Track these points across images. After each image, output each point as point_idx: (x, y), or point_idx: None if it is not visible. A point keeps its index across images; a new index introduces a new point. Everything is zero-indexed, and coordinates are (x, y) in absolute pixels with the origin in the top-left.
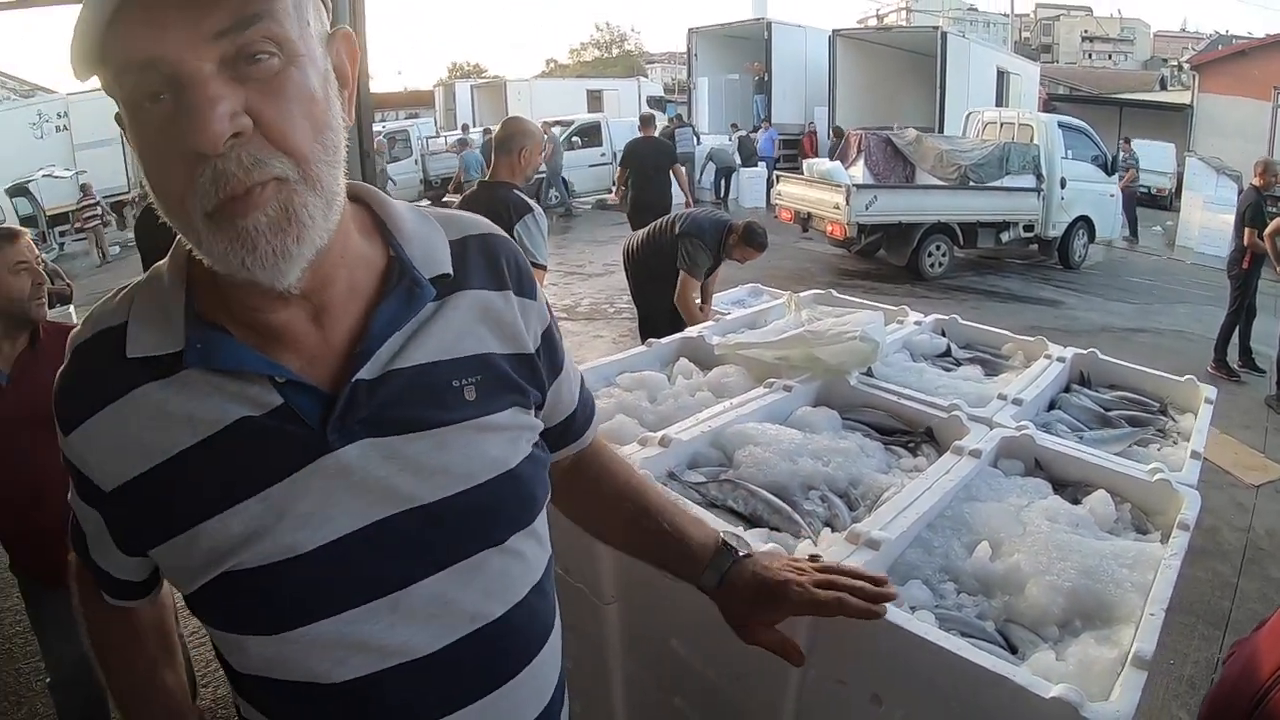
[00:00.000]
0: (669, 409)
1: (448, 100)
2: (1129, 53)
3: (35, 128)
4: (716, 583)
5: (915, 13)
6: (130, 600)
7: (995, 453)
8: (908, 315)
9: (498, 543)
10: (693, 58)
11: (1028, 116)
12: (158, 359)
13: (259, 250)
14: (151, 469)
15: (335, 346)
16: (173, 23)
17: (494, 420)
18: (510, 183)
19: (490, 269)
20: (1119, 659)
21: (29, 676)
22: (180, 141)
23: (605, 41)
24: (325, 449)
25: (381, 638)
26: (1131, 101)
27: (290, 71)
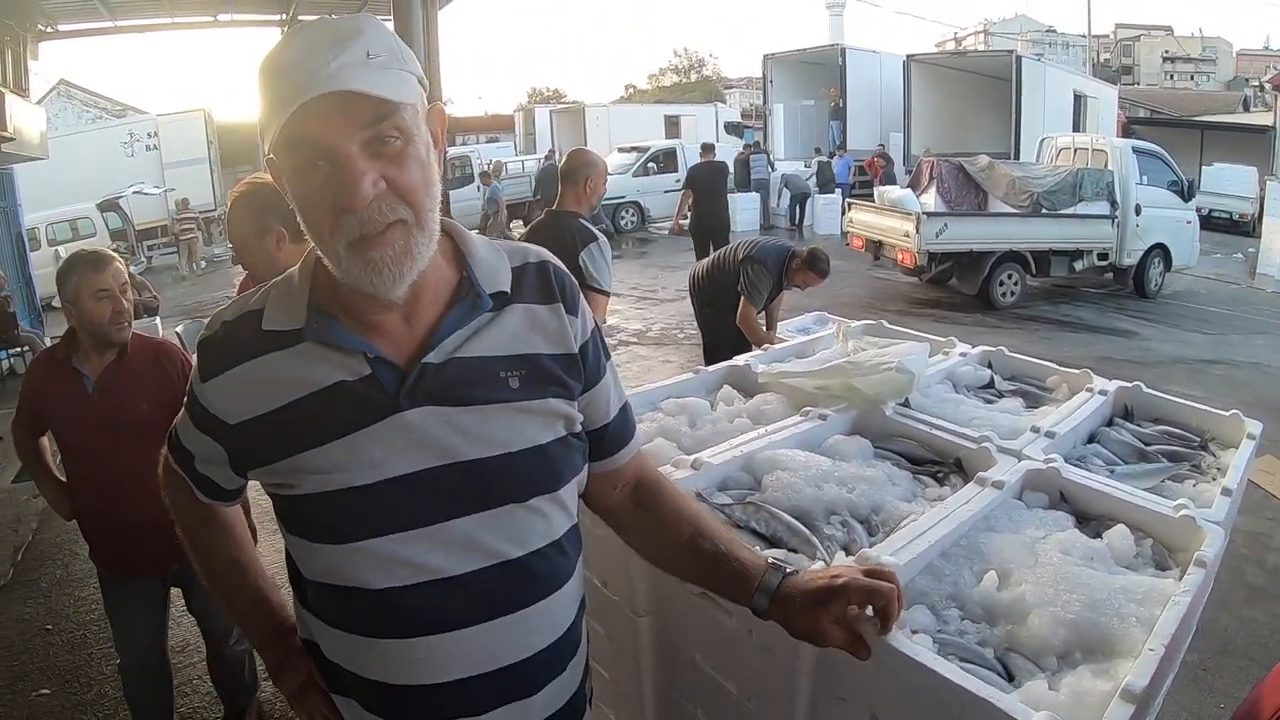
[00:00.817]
0: (707, 434)
1: (527, 125)
2: (1211, 73)
3: (126, 146)
4: (766, 605)
5: (993, 36)
6: (220, 501)
7: (1020, 485)
8: (954, 346)
9: (522, 500)
10: (768, 84)
11: (1102, 141)
12: (284, 333)
13: (384, 274)
14: (270, 411)
15: (415, 337)
16: (334, 120)
17: (532, 405)
18: (576, 212)
19: (543, 288)
20: (1112, 693)
21: (99, 661)
22: (335, 199)
23: (684, 67)
24: (396, 409)
25: (420, 558)
26: (1212, 124)
27: (409, 149)
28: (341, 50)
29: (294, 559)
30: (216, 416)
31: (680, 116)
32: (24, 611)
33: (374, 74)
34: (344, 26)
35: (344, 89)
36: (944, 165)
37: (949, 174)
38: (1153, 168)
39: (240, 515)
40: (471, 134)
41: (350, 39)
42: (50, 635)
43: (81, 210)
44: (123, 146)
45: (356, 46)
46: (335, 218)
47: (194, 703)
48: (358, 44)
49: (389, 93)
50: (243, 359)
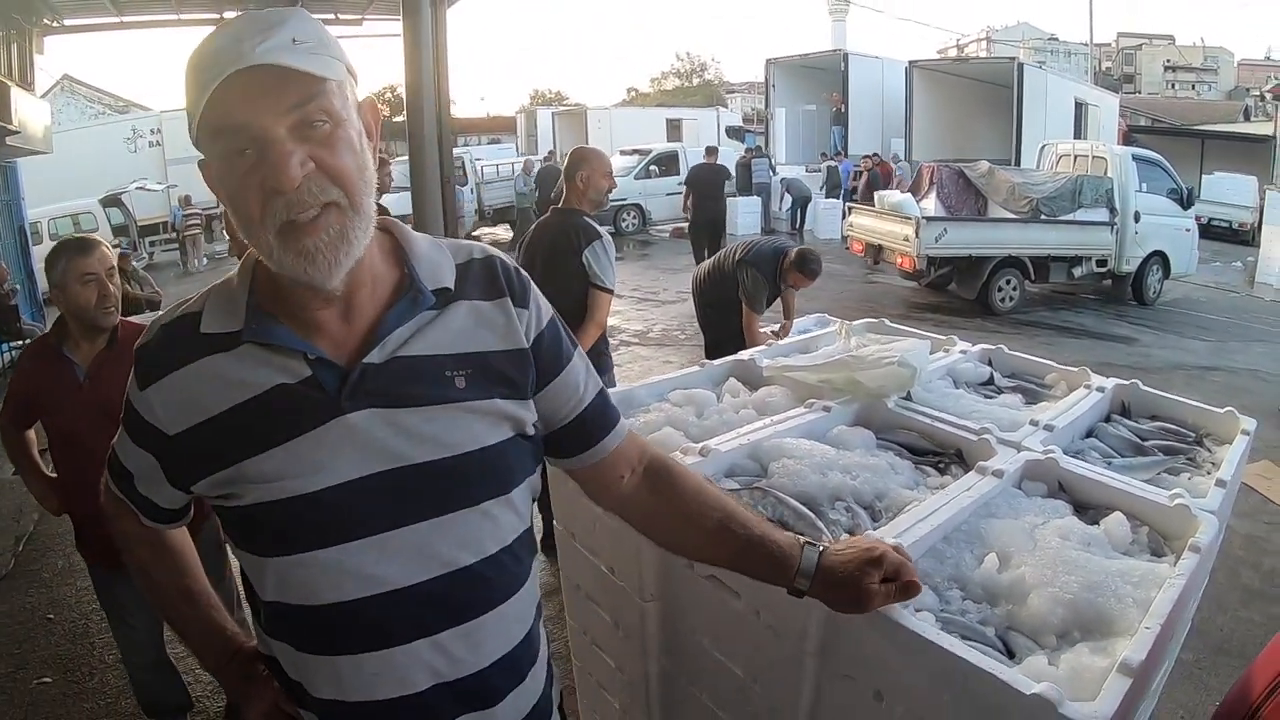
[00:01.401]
0: (713, 424)
1: (529, 126)
2: (1213, 82)
3: (130, 142)
4: (807, 586)
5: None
6: (164, 524)
7: (1020, 474)
8: (955, 344)
9: (473, 503)
10: (770, 88)
11: (1101, 149)
12: (223, 335)
13: (318, 262)
14: (209, 419)
15: (356, 336)
16: (259, 100)
17: (478, 405)
18: (579, 209)
19: (489, 283)
20: (1109, 668)
21: (101, 650)
22: (263, 182)
23: (686, 71)
24: (338, 412)
25: (370, 569)
26: (1213, 133)
27: (338, 131)
28: (267, 36)
29: (245, 575)
30: (155, 427)
31: (682, 120)
32: (26, 601)
33: (300, 56)
34: (269, 16)
35: (268, 64)
36: (944, 170)
37: (949, 179)
38: (1152, 175)
39: (188, 540)
40: (474, 135)
41: (275, 25)
42: (52, 624)
43: (84, 205)
44: (126, 142)
45: (282, 32)
46: (263, 202)
47: (195, 692)
48: (283, 30)
49: (315, 69)
50: (180, 363)
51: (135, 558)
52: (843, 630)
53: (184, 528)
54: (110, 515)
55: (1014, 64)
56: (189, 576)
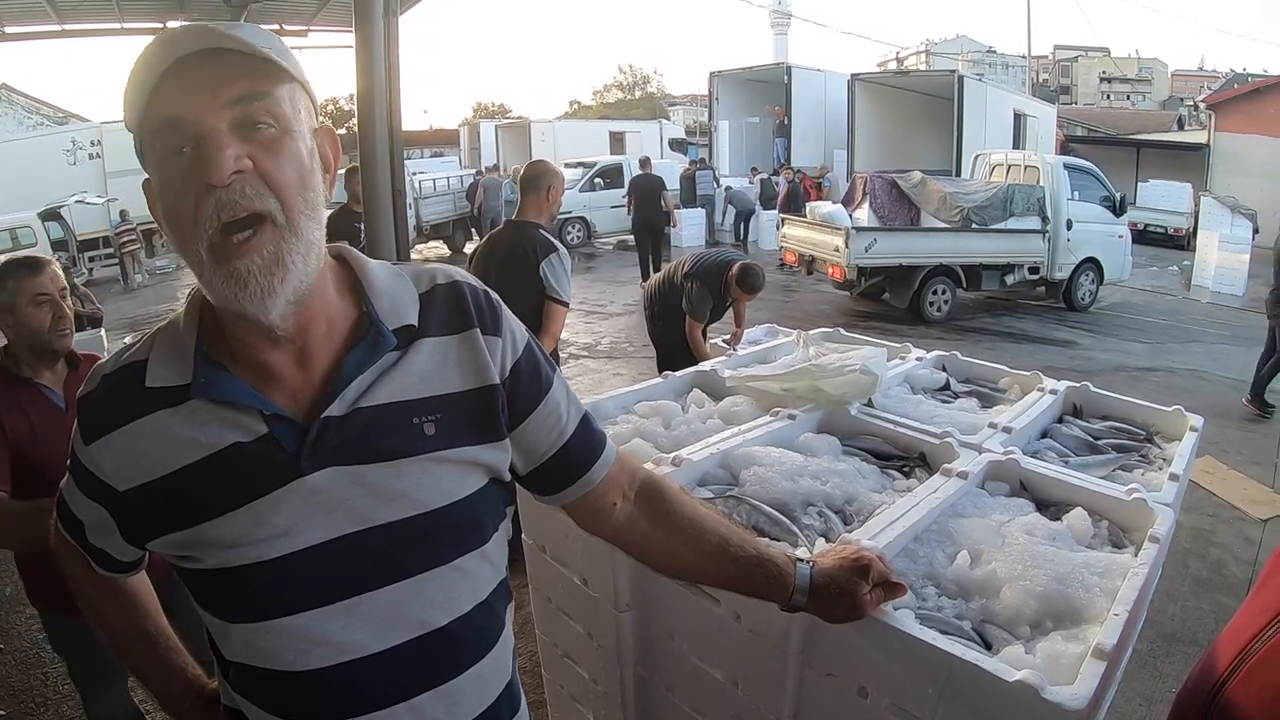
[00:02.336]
0: (682, 434)
1: (472, 139)
2: (1147, 93)
3: (69, 154)
4: (804, 602)
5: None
6: (120, 574)
7: (983, 475)
8: (910, 351)
9: (446, 561)
10: (714, 100)
11: (1034, 158)
12: (170, 389)
13: (249, 288)
14: (161, 477)
15: (313, 385)
16: (198, 90)
17: (449, 454)
18: (536, 222)
19: (456, 313)
20: (1083, 654)
21: (56, 681)
22: (195, 180)
23: (628, 83)
24: (298, 473)
25: (338, 635)
26: (1148, 142)
27: (284, 139)
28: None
29: (209, 631)
30: (104, 481)
31: (625, 133)
32: None
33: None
34: (219, 23)
35: (214, 45)
36: (877, 181)
37: (882, 189)
38: (1084, 183)
39: (146, 582)
40: (416, 148)
41: (226, 30)
42: (2, 655)
43: (22, 219)
44: (65, 154)
45: (235, 30)
46: (196, 201)
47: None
48: (236, 29)
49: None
50: (126, 419)
51: (88, 601)
52: (824, 630)
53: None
54: (61, 558)
55: (954, 76)
56: (147, 618)
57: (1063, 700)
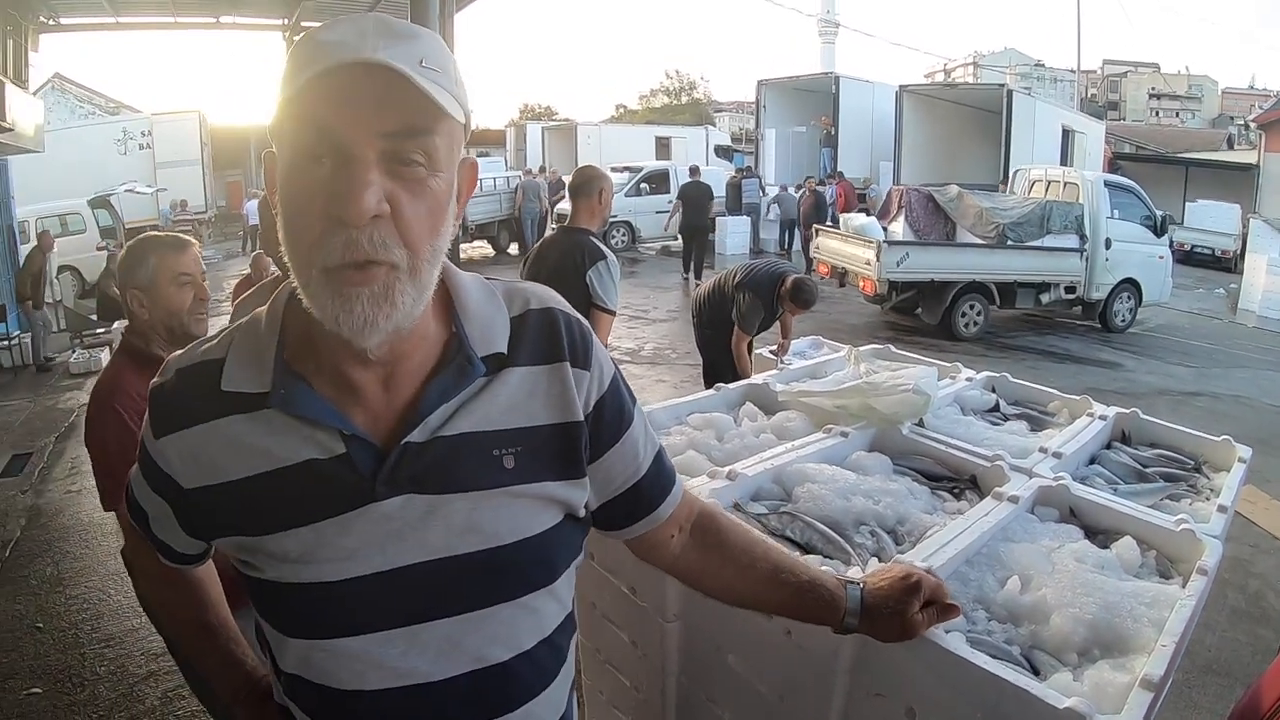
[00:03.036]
0: (735, 447)
1: (519, 141)
2: (1196, 110)
3: (120, 144)
4: (856, 624)
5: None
6: (185, 565)
7: (1033, 500)
8: (960, 371)
9: (512, 598)
10: (761, 109)
11: (1073, 174)
12: (247, 395)
13: (354, 315)
14: (228, 482)
15: (396, 409)
16: (358, 108)
17: (527, 489)
18: (587, 229)
19: (547, 343)
20: (1130, 683)
21: (92, 661)
22: (329, 204)
23: (674, 89)
24: (372, 498)
25: (396, 661)
26: (1197, 161)
27: (431, 182)
28: (396, 43)
29: (264, 638)
30: (170, 476)
31: (671, 138)
32: (13, 609)
33: (422, 77)
34: (401, 26)
35: (384, 64)
36: (913, 195)
37: (918, 203)
38: (1125, 202)
39: (212, 571)
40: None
41: (407, 37)
42: (41, 634)
43: (73, 205)
44: (116, 144)
45: (413, 47)
46: (324, 227)
47: (191, 705)
48: (414, 45)
49: (433, 93)
50: (198, 419)
51: (149, 589)
52: (874, 649)
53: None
54: (127, 544)
55: (1003, 90)
56: (209, 609)
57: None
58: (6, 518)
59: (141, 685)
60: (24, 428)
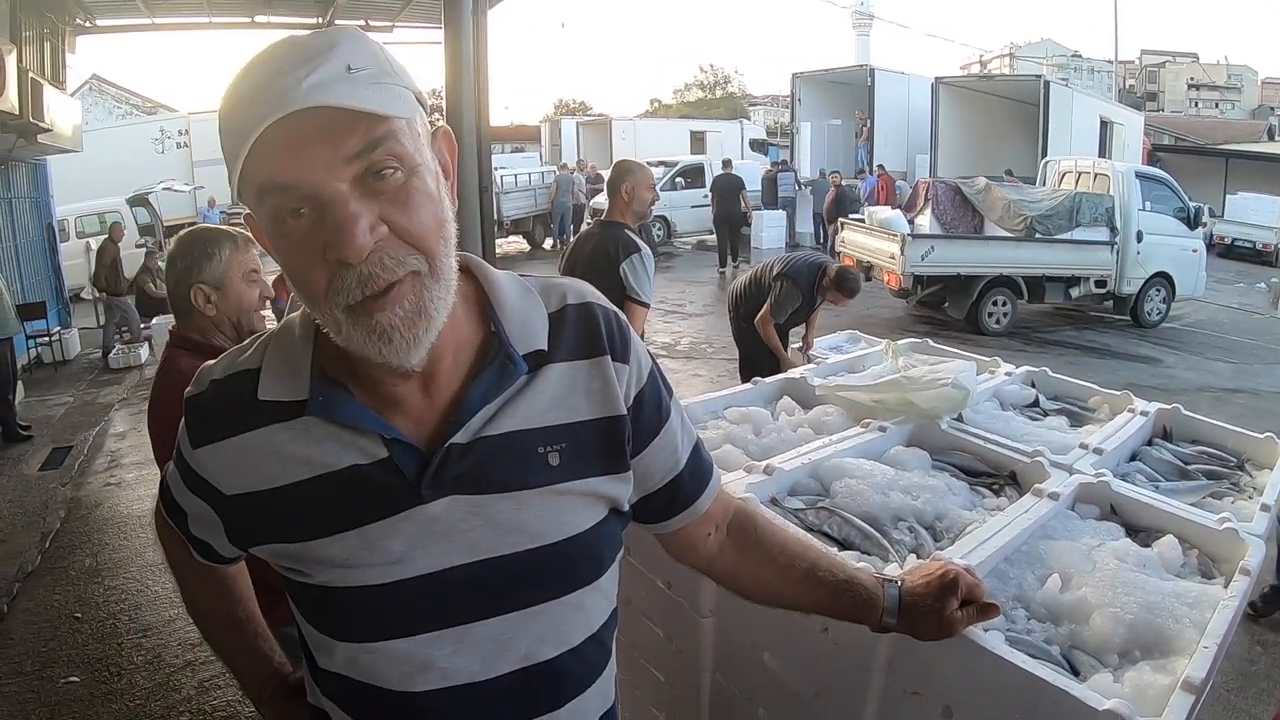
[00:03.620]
0: (772, 441)
1: (553, 136)
2: (1236, 101)
3: (157, 143)
4: (894, 623)
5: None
6: (220, 564)
7: (1073, 497)
8: (999, 366)
9: (559, 596)
10: (796, 102)
11: (1104, 165)
12: (284, 404)
13: (394, 342)
14: (269, 490)
15: (437, 411)
16: (311, 151)
17: (573, 486)
18: (621, 222)
19: (587, 337)
20: (1172, 685)
21: (130, 651)
22: (325, 250)
23: (709, 83)
24: (418, 500)
25: (445, 661)
26: (1237, 152)
27: (413, 181)
28: (314, 65)
29: (305, 639)
30: (210, 483)
31: (706, 132)
32: (52, 599)
33: (359, 89)
34: (315, 41)
35: (320, 104)
36: (940, 187)
37: (945, 195)
38: (1157, 194)
39: (243, 568)
40: (497, 144)
41: (323, 51)
42: (79, 623)
43: (111, 204)
44: (153, 143)
45: (333, 59)
46: (330, 275)
47: (227, 695)
48: (334, 56)
49: (380, 106)
50: (236, 430)
51: (184, 582)
52: (912, 647)
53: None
54: (161, 538)
55: (1040, 82)
56: (238, 604)
57: None
58: (47, 510)
59: (178, 675)
60: (64, 422)
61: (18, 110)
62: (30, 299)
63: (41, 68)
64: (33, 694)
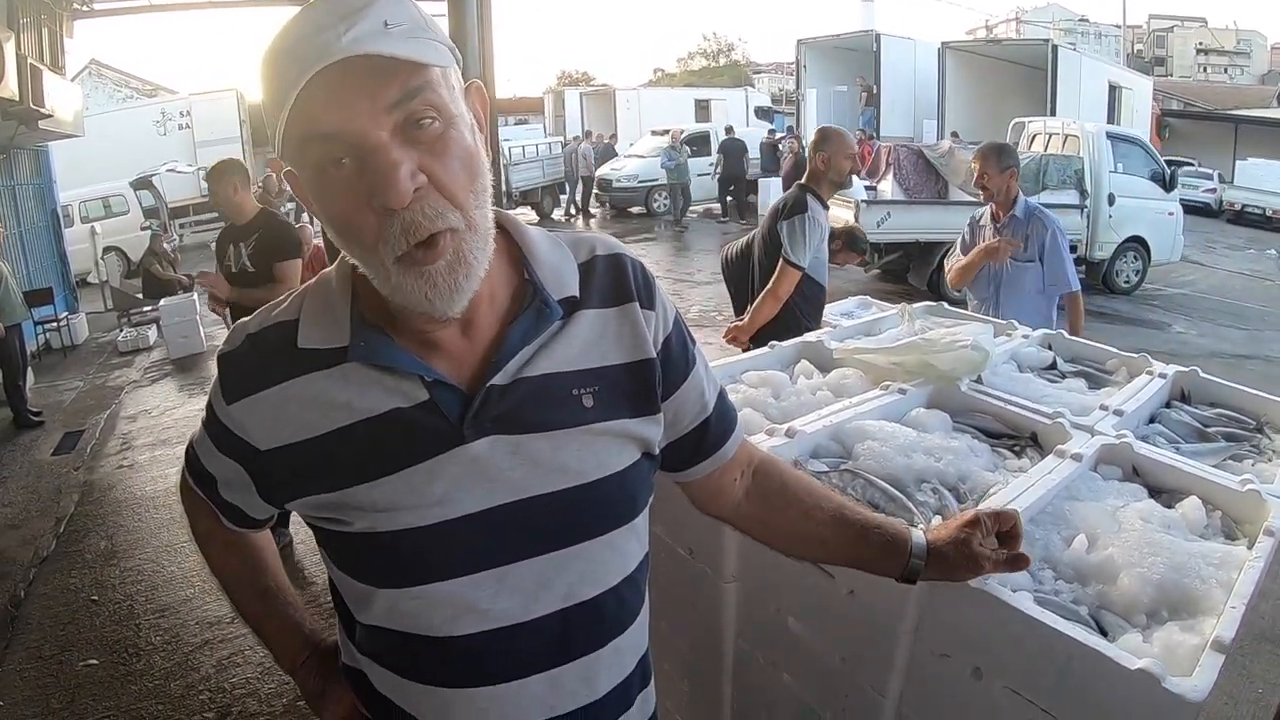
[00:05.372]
0: (792, 405)
1: (557, 107)
2: (1245, 66)
3: (159, 125)
4: (922, 567)
5: (1025, 24)
6: (249, 529)
7: (1095, 458)
8: (1015, 329)
9: (598, 535)
10: (801, 69)
11: (1073, 126)
12: (324, 351)
13: (439, 288)
14: (309, 439)
15: (477, 354)
16: (353, 100)
17: (607, 426)
18: (807, 185)
19: (616, 285)
20: (1200, 645)
21: (148, 632)
22: (370, 198)
23: (712, 51)
24: (460, 441)
25: (487, 603)
26: (1247, 118)
27: (450, 132)
28: (352, 21)
29: (341, 594)
30: (244, 440)
31: (711, 100)
32: (68, 582)
33: (397, 42)
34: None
35: (360, 53)
36: (902, 151)
37: (908, 160)
38: (1130, 155)
39: (269, 537)
40: (501, 115)
41: (361, 9)
42: (96, 606)
43: (115, 188)
44: (155, 125)
45: (370, 15)
46: (376, 221)
47: (245, 673)
48: (371, 13)
49: (417, 55)
50: (275, 380)
51: (212, 554)
52: (941, 608)
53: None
54: (187, 509)
55: (1048, 46)
56: (266, 573)
57: (1184, 692)
58: (60, 495)
59: (196, 654)
60: (75, 406)
61: (18, 97)
62: (37, 285)
63: (40, 54)
64: (52, 678)
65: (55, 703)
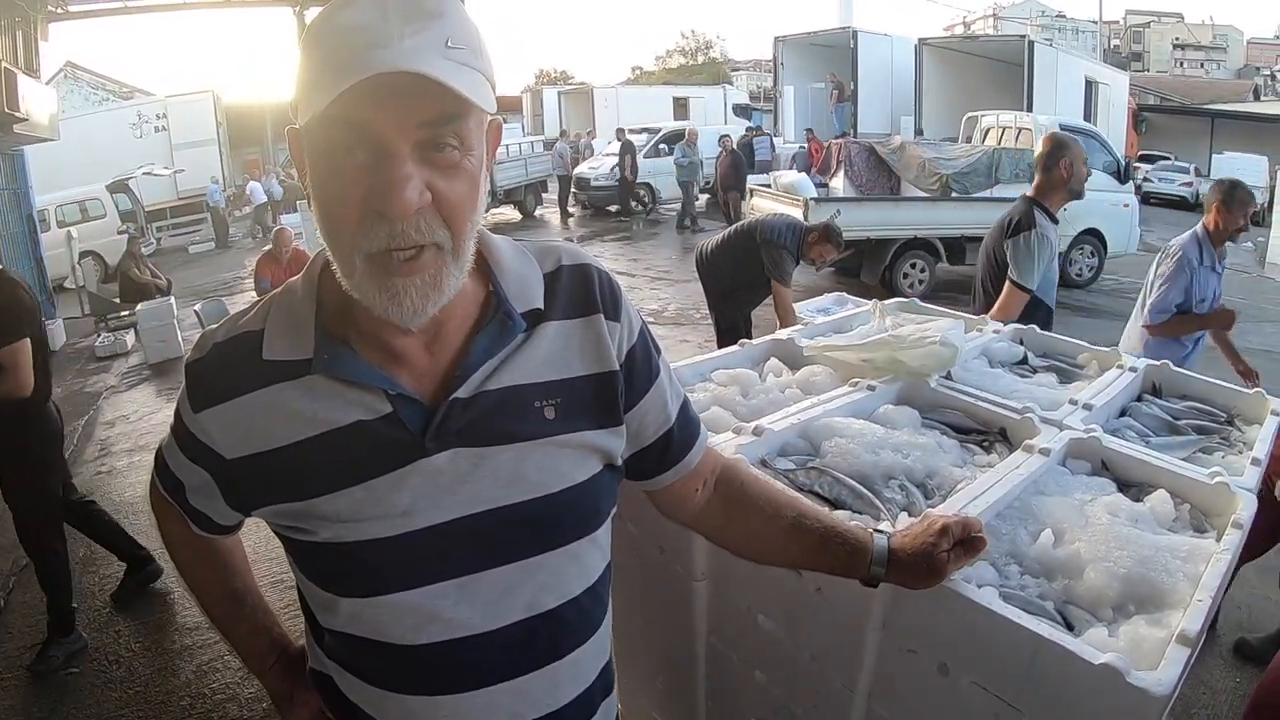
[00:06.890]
0: (760, 403)
1: (535, 106)
2: (1221, 61)
3: (135, 128)
4: (883, 573)
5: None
6: (218, 535)
7: (1064, 453)
8: (987, 324)
9: (559, 546)
10: (779, 66)
11: (1026, 119)
12: (289, 363)
13: (403, 306)
14: (275, 448)
15: (440, 367)
16: (392, 107)
17: (569, 438)
18: (1035, 198)
19: (580, 297)
20: (1167, 639)
21: (128, 638)
22: (369, 197)
23: (690, 49)
24: (423, 453)
25: (449, 613)
26: (1223, 112)
27: (465, 163)
28: (420, 27)
29: (307, 601)
30: (210, 448)
31: (689, 98)
32: None
33: (451, 68)
34: (425, 2)
35: (417, 71)
36: (853, 147)
37: (859, 156)
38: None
39: (239, 541)
40: None
41: (433, 17)
42: (76, 614)
43: (91, 191)
44: (131, 128)
45: (437, 29)
46: (364, 218)
47: (225, 678)
48: (439, 26)
49: (467, 90)
50: (240, 390)
51: (181, 558)
52: (906, 605)
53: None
54: (157, 515)
55: (1025, 42)
56: (235, 576)
57: (1148, 685)
58: None
59: (176, 659)
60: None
61: None
62: None
63: (15, 57)
64: (37, 687)
65: (38, 711)
